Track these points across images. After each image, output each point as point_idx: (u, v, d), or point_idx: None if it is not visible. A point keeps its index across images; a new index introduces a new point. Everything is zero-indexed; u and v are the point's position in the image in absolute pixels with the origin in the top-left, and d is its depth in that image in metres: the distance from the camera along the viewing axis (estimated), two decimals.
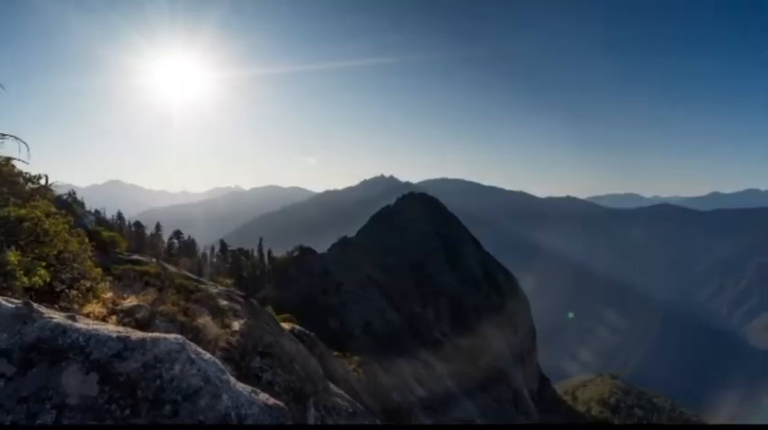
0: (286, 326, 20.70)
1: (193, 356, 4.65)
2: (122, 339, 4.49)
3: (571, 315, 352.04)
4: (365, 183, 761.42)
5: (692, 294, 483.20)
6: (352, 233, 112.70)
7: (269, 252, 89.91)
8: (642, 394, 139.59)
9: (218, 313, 13.06)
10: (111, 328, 4.74)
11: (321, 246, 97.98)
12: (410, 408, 51.77)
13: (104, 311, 8.50)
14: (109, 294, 9.54)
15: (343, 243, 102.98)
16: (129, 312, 9.17)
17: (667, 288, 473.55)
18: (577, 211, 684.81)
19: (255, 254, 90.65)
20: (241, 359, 10.96)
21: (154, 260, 22.53)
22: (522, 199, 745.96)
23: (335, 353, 38.23)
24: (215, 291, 15.56)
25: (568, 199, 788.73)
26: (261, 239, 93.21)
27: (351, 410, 13.72)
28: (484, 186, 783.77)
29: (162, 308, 10.36)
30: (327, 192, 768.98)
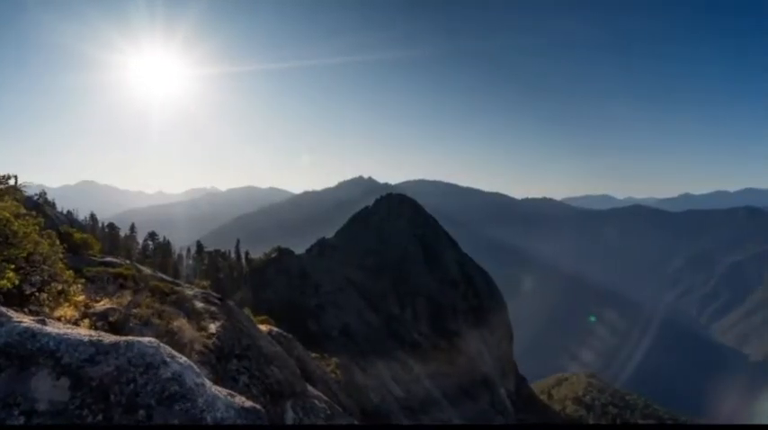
0: (263, 328, 20.51)
1: (168, 359, 4.60)
2: (94, 343, 4.41)
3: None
4: (343, 184, 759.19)
5: (662, 294, 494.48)
6: (330, 234, 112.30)
7: (246, 253, 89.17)
8: (616, 392, 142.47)
9: (194, 315, 12.87)
10: (82, 332, 4.65)
11: (299, 248, 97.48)
12: (389, 409, 51.85)
13: (76, 314, 8.31)
14: (81, 297, 9.33)
15: (322, 244, 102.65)
16: (103, 315, 8.99)
17: (639, 288, 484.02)
18: (554, 212, 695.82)
19: (233, 255, 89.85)
20: (218, 362, 10.84)
21: (128, 262, 22.11)
22: (499, 200, 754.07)
23: (313, 354, 38.08)
24: (191, 292, 15.33)
25: (545, 200, 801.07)
26: (238, 241, 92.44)
27: (329, 411, 13.67)
28: (462, 188, 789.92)
29: (136, 310, 10.18)
30: (305, 193, 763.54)
